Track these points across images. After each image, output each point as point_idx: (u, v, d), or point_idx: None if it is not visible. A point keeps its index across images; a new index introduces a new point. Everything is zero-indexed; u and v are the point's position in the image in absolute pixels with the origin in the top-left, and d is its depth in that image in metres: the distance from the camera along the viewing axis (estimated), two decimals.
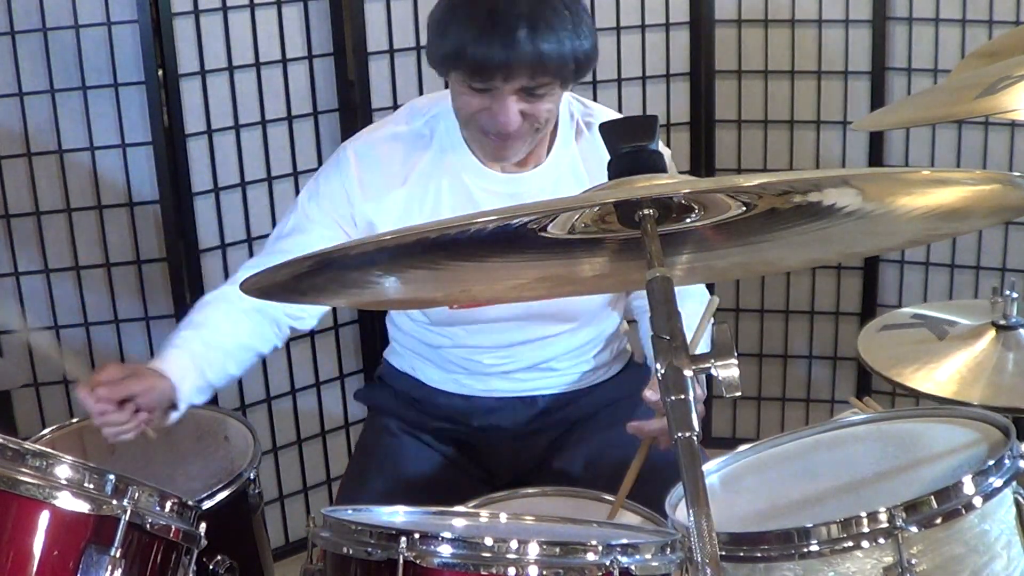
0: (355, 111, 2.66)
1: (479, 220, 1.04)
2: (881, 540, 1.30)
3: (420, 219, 1.81)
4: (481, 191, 1.80)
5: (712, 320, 1.66)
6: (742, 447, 1.64)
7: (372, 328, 2.75)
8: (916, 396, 1.79)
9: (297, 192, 2.63)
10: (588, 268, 1.29)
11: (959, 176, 1.18)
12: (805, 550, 1.32)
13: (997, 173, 1.11)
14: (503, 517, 1.50)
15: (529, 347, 1.90)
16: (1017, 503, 1.37)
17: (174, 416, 1.69)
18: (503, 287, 1.34)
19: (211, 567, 1.63)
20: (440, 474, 1.92)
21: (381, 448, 1.96)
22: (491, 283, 1.31)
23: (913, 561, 1.29)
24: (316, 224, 1.82)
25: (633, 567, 1.27)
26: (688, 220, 1.14)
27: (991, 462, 1.36)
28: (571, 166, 1.82)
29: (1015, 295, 1.76)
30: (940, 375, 1.72)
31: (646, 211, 1.09)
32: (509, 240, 1.15)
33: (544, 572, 1.25)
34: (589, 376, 1.98)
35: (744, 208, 1.11)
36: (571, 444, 1.94)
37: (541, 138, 1.77)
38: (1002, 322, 1.78)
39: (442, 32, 1.65)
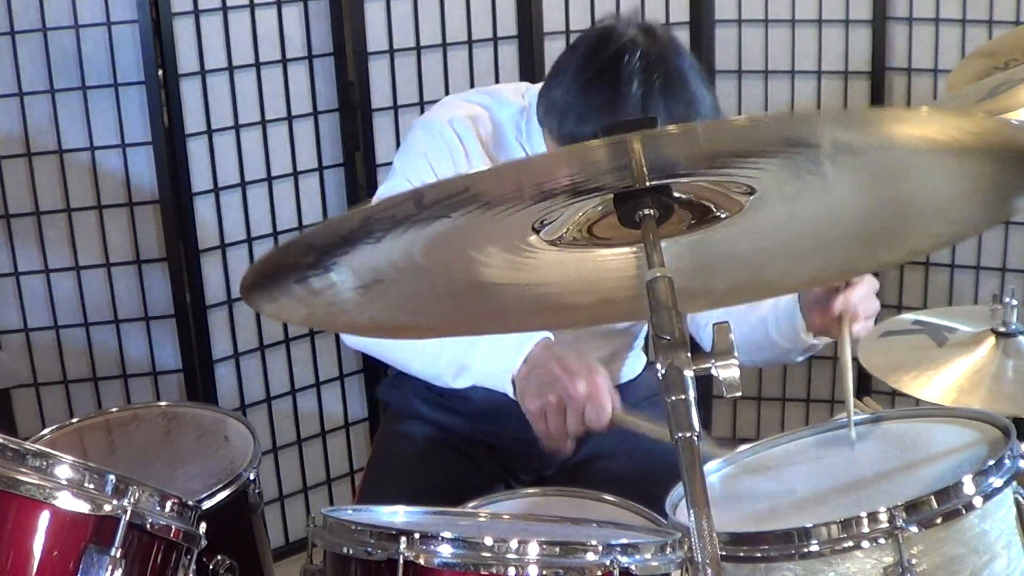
0: (355, 111, 2.66)
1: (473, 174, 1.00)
2: (881, 540, 1.30)
3: None
4: None
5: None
6: (742, 447, 1.64)
7: None
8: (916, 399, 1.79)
9: (297, 192, 2.66)
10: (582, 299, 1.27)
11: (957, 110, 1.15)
12: (805, 550, 1.32)
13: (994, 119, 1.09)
14: (503, 517, 1.50)
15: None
16: (1017, 503, 1.37)
17: None
18: (500, 316, 1.33)
19: (211, 567, 1.63)
20: (464, 480, 1.87)
21: (400, 456, 1.92)
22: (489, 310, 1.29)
23: (913, 561, 1.28)
24: None
25: (633, 567, 1.26)
26: (688, 221, 1.13)
27: (991, 462, 1.36)
28: None
29: (1015, 302, 1.76)
30: (939, 382, 1.72)
31: (646, 211, 1.09)
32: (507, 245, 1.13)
33: (544, 572, 1.24)
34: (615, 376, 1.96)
35: (745, 203, 1.10)
36: (597, 446, 1.93)
37: None
38: (1002, 329, 1.77)
39: (579, 116, 1.56)
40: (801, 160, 1.02)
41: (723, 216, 1.12)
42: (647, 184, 1.05)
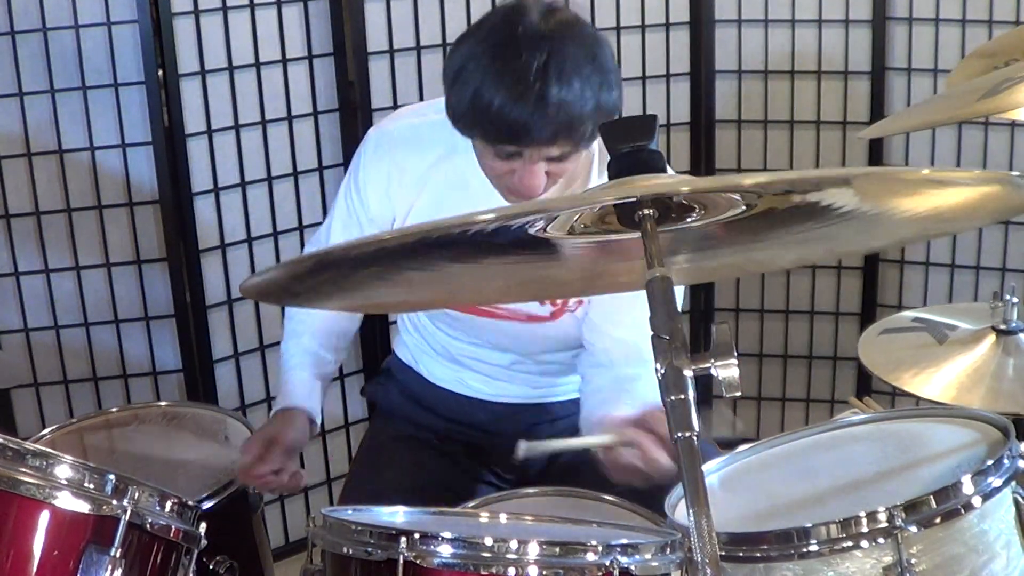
0: (355, 111, 2.66)
1: (479, 219, 1.02)
2: (881, 540, 1.30)
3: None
4: None
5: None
6: (742, 447, 1.64)
7: (372, 328, 2.75)
8: (916, 397, 1.79)
9: (297, 192, 2.66)
10: (578, 270, 1.28)
11: (958, 176, 1.17)
12: (805, 550, 1.32)
13: (997, 173, 1.11)
14: (503, 517, 1.50)
15: (535, 358, 1.89)
16: (1016, 503, 1.37)
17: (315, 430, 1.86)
18: (491, 289, 1.33)
19: (211, 567, 1.63)
20: (445, 478, 1.89)
21: (383, 455, 1.93)
22: (481, 284, 1.30)
23: (912, 561, 1.29)
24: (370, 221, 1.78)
25: (633, 567, 1.27)
26: (688, 220, 1.14)
27: (990, 462, 1.36)
28: None
29: (1015, 300, 1.77)
30: (940, 380, 1.72)
31: (646, 211, 1.09)
32: (503, 242, 1.14)
33: (544, 572, 1.25)
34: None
35: (743, 208, 1.11)
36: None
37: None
38: (1002, 327, 1.78)
39: (462, 88, 1.53)
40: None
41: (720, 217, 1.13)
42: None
